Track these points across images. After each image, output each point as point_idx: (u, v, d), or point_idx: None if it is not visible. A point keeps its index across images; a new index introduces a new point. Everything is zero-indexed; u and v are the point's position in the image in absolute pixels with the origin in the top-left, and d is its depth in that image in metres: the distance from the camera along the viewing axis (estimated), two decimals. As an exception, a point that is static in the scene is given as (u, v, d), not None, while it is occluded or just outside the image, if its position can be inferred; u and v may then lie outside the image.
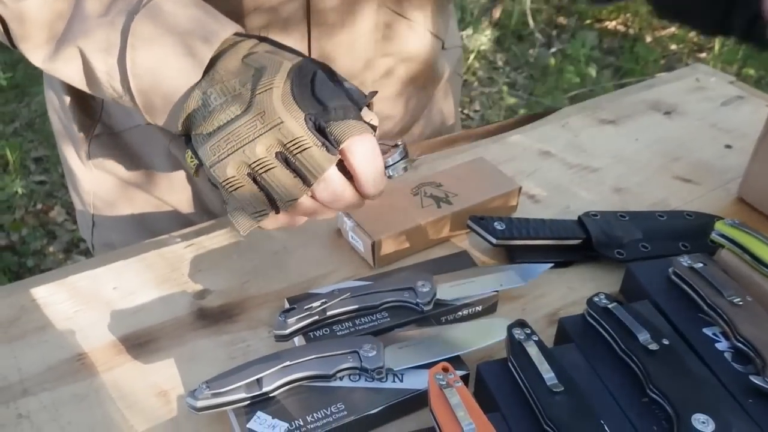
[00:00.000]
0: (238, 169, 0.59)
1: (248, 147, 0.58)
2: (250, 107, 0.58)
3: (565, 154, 0.95)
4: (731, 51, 3.14)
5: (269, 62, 0.60)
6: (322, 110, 0.58)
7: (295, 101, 0.58)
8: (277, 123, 0.58)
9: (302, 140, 0.58)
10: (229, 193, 0.60)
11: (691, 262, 0.68)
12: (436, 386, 0.55)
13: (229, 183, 0.59)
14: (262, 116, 0.58)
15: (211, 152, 0.59)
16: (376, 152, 0.61)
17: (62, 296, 0.72)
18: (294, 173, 0.59)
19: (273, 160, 0.59)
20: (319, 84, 0.60)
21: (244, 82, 0.59)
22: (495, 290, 0.70)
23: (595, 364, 0.61)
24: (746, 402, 0.57)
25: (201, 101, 0.60)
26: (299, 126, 0.58)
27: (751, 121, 1.00)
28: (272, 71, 0.59)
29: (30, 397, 0.63)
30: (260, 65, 0.60)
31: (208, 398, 0.58)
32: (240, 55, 0.61)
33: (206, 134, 0.59)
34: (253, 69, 0.60)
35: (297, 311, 0.64)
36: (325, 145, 0.58)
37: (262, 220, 0.61)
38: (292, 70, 0.60)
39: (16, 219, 2.42)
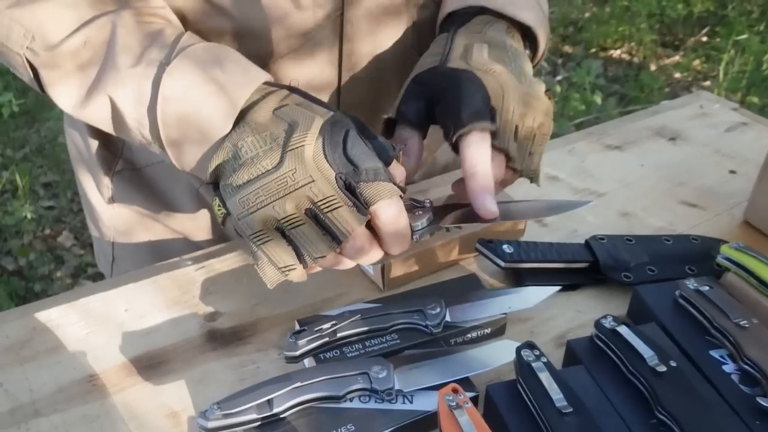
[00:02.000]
0: (266, 223, 0.59)
1: (278, 203, 0.59)
2: (282, 163, 0.59)
3: (571, 178, 0.96)
4: (735, 79, 3.16)
5: (301, 117, 0.61)
6: (353, 170, 0.59)
7: (326, 159, 0.59)
8: (308, 181, 0.58)
9: (333, 200, 0.58)
10: (257, 246, 0.60)
11: (697, 285, 0.69)
12: (445, 407, 0.55)
13: (257, 237, 0.60)
14: (294, 173, 0.58)
15: (240, 205, 0.60)
16: (403, 216, 0.62)
17: (74, 318, 0.73)
18: (323, 230, 0.59)
19: (302, 217, 0.59)
20: (351, 143, 0.60)
21: (276, 137, 0.60)
22: (504, 313, 0.70)
23: (603, 386, 0.61)
24: (753, 423, 0.58)
25: (231, 153, 0.61)
26: (330, 185, 0.59)
27: (754, 146, 1.01)
28: (305, 127, 0.60)
29: (41, 419, 0.63)
30: (292, 120, 0.60)
31: (219, 419, 0.58)
32: (271, 107, 0.62)
33: (236, 186, 0.60)
34: (286, 123, 0.60)
35: (307, 333, 0.65)
36: (356, 206, 0.59)
37: (290, 274, 0.61)
38: (324, 127, 0.60)
39: (24, 244, 2.43)
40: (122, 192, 0.94)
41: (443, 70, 0.70)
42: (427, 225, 0.65)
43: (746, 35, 3.37)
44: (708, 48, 3.47)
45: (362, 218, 0.59)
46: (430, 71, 0.71)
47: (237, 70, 0.64)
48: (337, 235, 0.59)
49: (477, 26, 0.74)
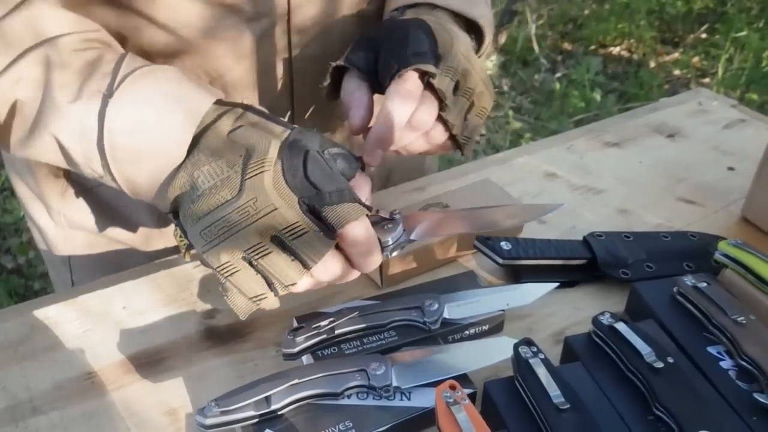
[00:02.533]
0: (232, 254, 0.57)
1: (242, 234, 0.56)
2: (242, 192, 0.56)
3: (570, 175, 0.96)
4: (734, 76, 3.16)
5: (258, 140, 0.58)
6: (316, 194, 0.57)
7: (287, 185, 0.57)
8: (271, 210, 0.56)
9: (298, 226, 0.56)
10: (225, 278, 0.58)
11: (695, 281, 0.69)
12: (443, 404, 0.55)
13: (224, 269, 0.57)
14: (255, 202, 0.56)
15: (202, 238, 0.57)
16: (371, 235, 0.60)
17: (72, 316, 0.73)
18: (291, 256, 0.57)
19: (269, 245, 0.57)
20: (311, 165, 0.58)
21: (233, 164, 0.57)
22: (501, 309, 0.70)
23: (600, 382, 0.61)
24: (750, 420, 0.58)
25: (189, 184, 0.58)
26: (294, 212, 0.57)
27: (753, 143, 1.01)
28: (262, 152, 0.57)
29: (40, 416, 0.63)
30: (248, 144, 0.58)
31: (217, 416, 0.58)
32: (225, 129, 0.59)
33: (196, 218, 0.57)
34: (242, 148, 0.58)
35: (305, 330, 0.65)
36: (322, 230, 0.57)
37: (262, 302, 0.59)
38: (282, 150, 0.58)
39: (23, 242, 2.43)
40: (75, 215, 0.89)
41: (393, 22, 0.71)
42: (397, 240, 0.63)
43: (745, 32, 3.37)
44: (707, 45, 3.47)
45: (330, 242, 0.57)
46: (379, 24, 0.72)
47: (185, 94, 0.60)
48: (306, 261, 0.57)
49: (425, 9, 0.74)
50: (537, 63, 3.40)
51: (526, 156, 0.99)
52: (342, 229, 0.58)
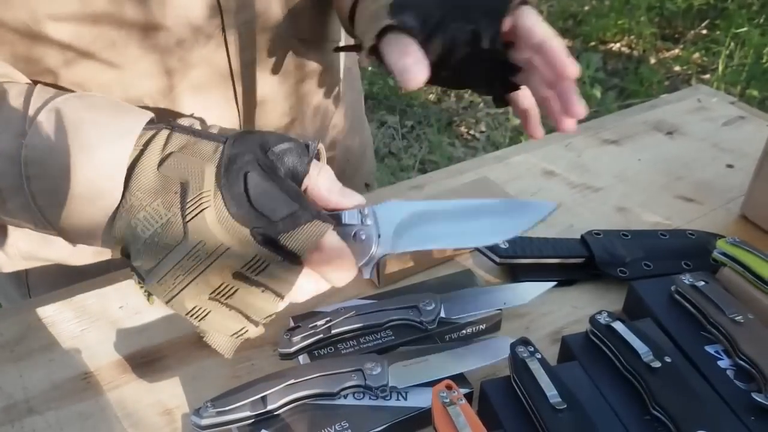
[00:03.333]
0: (197, 299, 0.52)
1: (200, 279, 0.51)
2: (186, 237, 0.51)
3: (568, 173, 0.96)
4: (735, 72, 3.16)
5: (189, 170, 0.52)
6: (268, 224, 0.52)
7: (234, 218, 0.52)
8: (223, 250, 0.51)
9: (257, 260, 0.52)
10: (198, 322, 0.54)
11: (693, 280, 0.69)
12: (439, 404, 0.55)
13: (193, 314, 0.53)
14: (204, 245, 0.51)
15: (162, 290, 0.52)
16: (341, 253, 0.55)
17: (69, 315, 0.73)
18: (261, 288, 0.53)
19: (233, 283, 0.52)
20: (254, 190, 0.52)
21: (170, 204, 0.52)
22: (499, 309, 0.70)
23: (598, 382, 0.61)
24: (748, 419, 0.57)
25: (130, 234, 0.52)
26: (249, 247, 0.51)
27: (752, 140, 1.01)
28: (197, 185, 0.52)
29: (36, 416, 0.63)
30: (181, 177, 0.52)
31: (213, 416, 0.58)
32: (153, 163, 0.53)
33: (147, 271, 0.52)
34: (176, 184, 0.52)
35: (302, 330, 0.65)
36: (285, 259, 0.52)
37: (245, 335, 0.55)
38: (218, 176, 0.52)
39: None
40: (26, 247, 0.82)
41: None
42: (377, 254, 0.58)
43: (746, 28, 3.36)
44: (708, 41, 3.47)
45: (296, 268, 0.53)
46: None
47: (110, 122, 0.54)
48: (278, 291, 0.53)
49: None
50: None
51: (524, 154, 0.99)
52: (305, 257, 0.53)
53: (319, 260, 0.54)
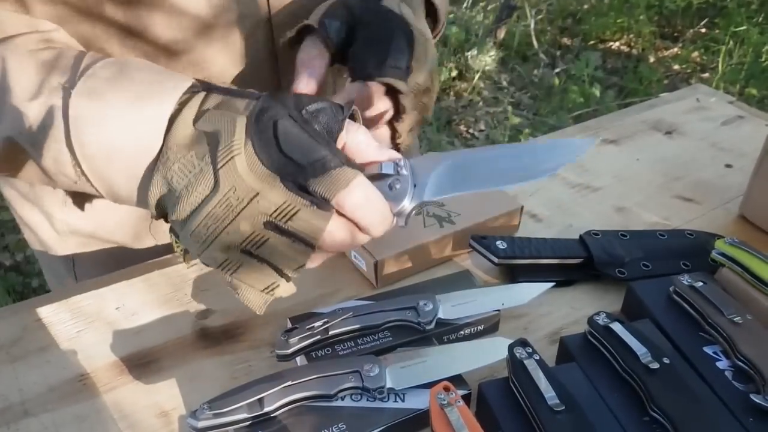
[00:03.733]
0: (228, 250, 0.53)
1: (231, 228, 0.52)
2: (218, 185, 0.52)
3: (567, 173, 0.95)
4: (734, 71, 3.15)
5: (221, 122, 0.53)
6: (297, 168, 0.52)
7: (265, 166, 0.52)
8: (253, 196, 0.52)
9: (287, 206, 0.52)
10: (230, 275, 0.54)
11: (691, 280, 0.68)
12: (437, 406, 0.55)
13: (225, 267, 0.54)
14: (234, 192, 0.52)
15: (193, 241, 0.53)
16: (372, 198, 0.55)
17: (65, 316, 0.72)
18: (292, 238, 0.53)
19: (264, 232, 0.53)
20: (284, 139, 0.53)
21: (202, 155, 0.53)
22: (497, 309, 0.70)
23: (596, 383, 0.61)
24: (747, 420, 0.57)
25: (165, 187, 0.54)
26: (279, 192, 0.52)
27: (751, 140, 1.00)
28: (228, 134, 0.53)
29: (31, 418, 0.63)
30: (214, 129, 0.53)
31: (210, 419, 0.58)
32: (189, 120, 0.54)
33: (182, 221, 0.53)
34: (208, 136, 0.53)
35: (299, 331, 0.64)
36: (315, 203, 0.52)
37: (275, 291, 0.55)
38: (248, 127, 0.53)
39: (21, 239, 2.42)
40: (74, 221, 0.86)
41: (378, 8, 0.70)
42: (411, 203, 0.57)
43: (745, 27, 3.36)
44: (707, 40, 3.47)
45: (327, 215, 0.53)
46: (363, 3, 0.70)
47: (154, 83, 0.56)
48: (308, 240, 0.53)
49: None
50: (536, 58, 3.39)
51: (523, 153, 0.99)
52: (335, 201, 0.53)
53: (350, 206, 0.54)
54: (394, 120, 0.70)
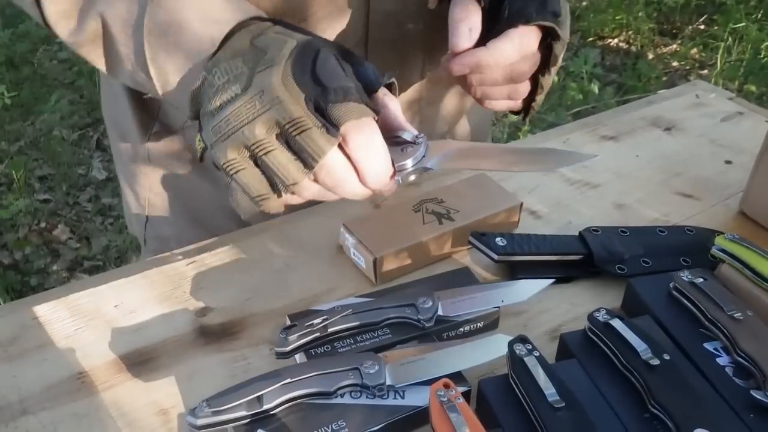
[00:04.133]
0: (239, 151, 0.58)
1: (248, 127, 0.57)
2: (250, 86, 0.57)
3: (566, 170, 0.95)
4: (733, 67, 3.15)
5: (274, 41, 0.59)
6: (321, 91, 0.56)
7: (295, 81, 0.56)
8: (275, 102, 0.56)
9: (301, 121, 0.56)
10: (230, 176, 0.59)
11: (691, 277, 0.68)
12: (437, 403, 0.55)
13: (230, 165, 0.58)
14: (261, 96, 0.56)
15: (213, 133, 0.58)
16: (377, 143, 0.59)
17: (63, 314, 0.72)
18: (295, 156, 0.57)
19: (273, 142, 0.57)
20: (321, 64, 0.57)
21: (247, 62, 0.58)
22: (496, 306, 0.70)
23: (596, 380, 0.61)
24: (747, 417, 0.57)
25: (207, 81, 0.59)
26: (298, 106, 0.56)
27: (750, 136, 1.00)
28: (275, 49, 0.58)
29: (29, 416, 0.63)
30: (266, 45, 0.59)
31: (209, 416, 0.58)
32: (249, 36, 0.60)
33: (210, 113, 0.58)
34: (259, 49, 0.58)
35: (298, 328, 0.64)
36: (325, 127, 0.56)
37: (264, 204, 0.60)
38: (294, 49, 0.58)
39: (19, 237, 2.42)
40: (158, 155, 0.94)
41: None
42: (417, 164, 0.62)
43: (744, 23, 3.35)
44: (706, 36, 3.46)
45: (333, 140, 0.56)
46: None
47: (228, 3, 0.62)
48: (309, 160, 0.57)
49: None
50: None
51: (522, 150, 0.98)
52: (343, 127, 0.56)
53: (354, 142, 0.58)
54: (539, 73, 0.73)
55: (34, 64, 3.30)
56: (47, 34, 3.44)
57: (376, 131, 0.59)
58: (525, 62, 0.71)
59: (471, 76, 0.73)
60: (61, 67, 3.30)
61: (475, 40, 0.71)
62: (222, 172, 0.59)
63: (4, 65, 3.22)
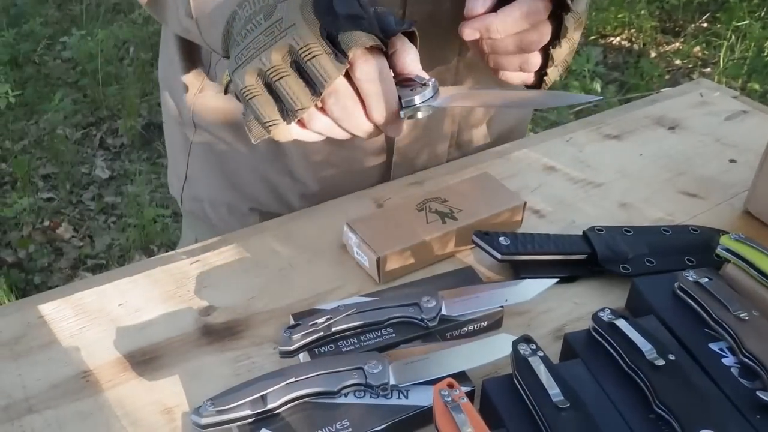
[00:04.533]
0: (256, 77, 0.61)
1: (265, 54, 0.60)
2: (271, 15, 0.60)
3: (569, 169, 0.95)
4: (736, 66, 3.15)
5: None
6: (335, 21, 0.59)
7: (313, 11, 0.60)
8: (291, 29, 0.59)
9: (313, 46, 0.59)
10: (247, 102, 0.61)
11: (696, 276, 0.68)
12: (441, 402, 0.55)
13: (247, 91, 0.61)
14: (280, 23, 0.60)
15: (235, 61, 0.62)
16: (383, 72, 0.61)
17: (68, 313, 0.72)
18: (306, 83, 0.60)
19: (287, 69, 0.60)
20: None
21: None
22: (500, 306, 0.69)
23: (600, 380, 0.60)
24: (753, 418, 0.57)
25: (237, 15, 0.63)
26: (312, 33, 0.59)
27: (755, 135, 1.00)
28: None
29: (34, 415, 0.63)
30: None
31: (213, 415, 0.58)
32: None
33: (235, 43, 0.62)
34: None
35: (302, 327, 0.64)
36: (334, 53, 0.59)
37: (273, 129, 0.62)
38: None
39: (23, 236, 2.42)
40: (202, 114, 0.96)
41: None
42: (420, 101, 0.64)
43: (747, 21, 3.35)
44: (709, 34, 3.46)
45: (341, 66, 0.59)
46: None
47: None
48: (317, 86, 0.60)
49: None
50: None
51: (525, 149, 0.98)
52: (350, 53, 0.59)
53: (361, 71, 0.60)
54: (551, 46, 0.73)
55: (38, 63, 3.30)
56: (51, 33, 3.45)
57: (384, 62, 0.61)
58: (534, 32, 0.72)
59: (483, 43, 0.73)
60: (65, 66, 3.30)
61: (489, 5, 0.72)
62: (240, 98, 0.62)
63: (8, 64, 3.22)
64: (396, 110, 0.63)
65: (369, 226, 0.77)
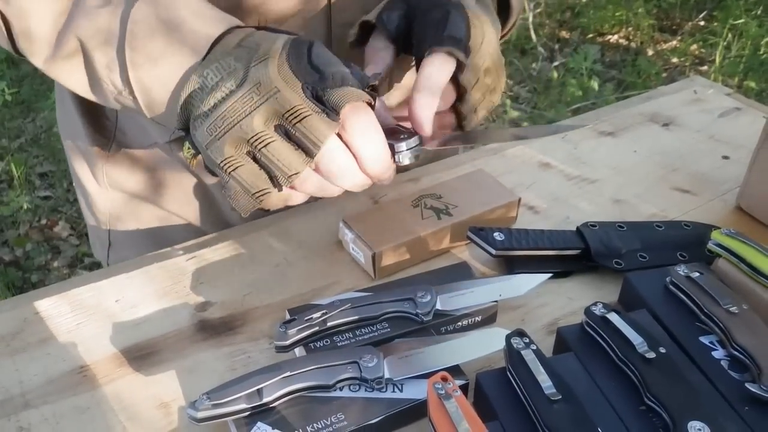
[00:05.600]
0: (236, 147, 0.57)
1: (245, 121, 0.56)
2: (245, 80, 0.56)
3: (564, 165, 0.95)
4: (732, 64, 3.15)
5: (265, 39, 0.59)
6: (319, 78, 0.57)
7: (291, 71, 0.57)
8: (273, 92, 0.56)
9: (300, 108, 0.56)
10: (228, 174, 0.58)
11: (688, 271, 0.69)
12: (435, 396, 0.55)
13: (227, 163, 0.58)
14: (258, 88, 0.56)
15: (207, 133, 0.57)
16: (374, 127, 0.60)
17: (65, 309, 0.73)
18: (295, 146, 0.57)
19: (272, 134, 0.57)
20: (316, 52, 0.58)
21: (240, 58, 0.58)
22: (494, 300, 0.70)
23: (593, 373, 0.61)
24: (742, 409, 0.58)
25: (198, 84, 0.58)
26: (296, 94, 0.56)
27: (748, 132, 1.01)
28: (268, 44, 0.58)
29: (31, 410, 0.63)
30: (256, 43, 0.59)
31: (209, 409, 0.58)
32: (237, 39, 0.60)
33: (203, 115, 0.58)
34: (249, 48, 0.58)
35: (297, 322, 0.65)
36: (325, 112, 0.56)
37: (264, 199, 0.59)
38: (287, 42, 0.58)
39: (20, 234, 2.43)
40: (117, 176, 0.92)
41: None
42: (412, 146, 0.64)
43: (744, 19, 3.35)
44: (705, 32, 3.46)
45: (333, 124, 0.57)
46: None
47: (210, 11, 0.62)
48: (310, 148, 0.57)
49: None
50: (534, 52, 3.39)
51: (520, 146, 0.99)
52: (342, 111, 0.57)
53: (352, 128, 0.58)
54: (458, 102, 0.71)
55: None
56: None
57: (373, 115, 0.60)
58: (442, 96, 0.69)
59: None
60: (62, 64, 3.30)
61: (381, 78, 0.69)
62: (219, 172, 0.59)
63: (5, 62, 3.22)
64: (391, 161, 0.63)
65: (365, 222, 0.77)
